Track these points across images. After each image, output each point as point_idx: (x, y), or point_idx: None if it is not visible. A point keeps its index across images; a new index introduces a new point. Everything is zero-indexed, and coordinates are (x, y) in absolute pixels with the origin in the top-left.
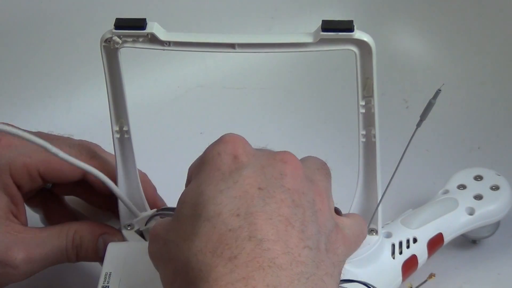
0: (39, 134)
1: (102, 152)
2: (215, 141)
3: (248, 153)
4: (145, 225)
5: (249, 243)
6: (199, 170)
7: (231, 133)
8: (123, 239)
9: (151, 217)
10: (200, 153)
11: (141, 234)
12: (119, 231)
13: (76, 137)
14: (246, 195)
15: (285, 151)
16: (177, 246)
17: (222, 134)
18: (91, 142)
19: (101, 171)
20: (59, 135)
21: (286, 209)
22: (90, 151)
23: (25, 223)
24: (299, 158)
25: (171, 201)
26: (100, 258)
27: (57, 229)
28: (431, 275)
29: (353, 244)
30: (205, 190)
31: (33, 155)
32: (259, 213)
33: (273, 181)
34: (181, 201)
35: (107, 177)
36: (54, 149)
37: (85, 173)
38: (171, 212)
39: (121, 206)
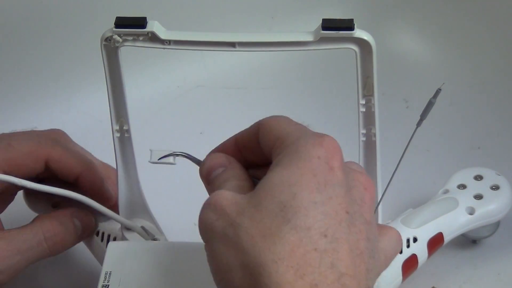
0: (1, 136)
1: (68, 144)
2: (315, 140)
3: (341, 167)
4: (158, 159)
5: (331, 273)
6: (289, 159)
7: (332, 138)
8: (90, 212)
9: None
10: (200, 153)
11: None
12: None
13: (76, 137)
14: (336, 216)
15: (366, 175)
16: (252, 239)
17: (320, 134)
18: (56, 133)
19: (64, 159)
20: (23, 130)
21: (362, 242)
22: (49, 140)
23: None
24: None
25: (171, 200)
26: (81, 238)
27: (27, 228)
28: None
29: (384, 268)
30: (299, 194)
31: None
32: (343, 242)
33: (357, 208)
34: (266, 189)
35: (76, 194)
36: (23, 182)
37: (47, 160)
38: (186, 155)
39: (121, 205)
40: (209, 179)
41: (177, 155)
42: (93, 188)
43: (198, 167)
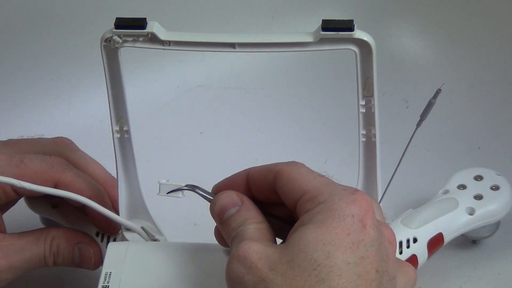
0: (9, 142)
1: (75, 152)
2: (348, 198)
3: (374, 224)
4: (167, 193)
5: None
6: (323, 217)
7: (364, 194)
8: (99, 248)
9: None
10: (200, 153)
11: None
12: (94, 240)
13: (76, 137)
14: (368, 276)
15: (389, 228)
16: None
17: (351, 190)
18: (63, 141)
19: (74, 184)
20: (29, 138)
21: None
22: (61, 164)
23: (3, 231)
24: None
25: (171, 200)
26: (76, 265)
27: (35, 235)
28: None
29: None
30: (333, 253)
31: (6, 170)
32: None
33: (384, 265)
34: (299, 245)
35: (75, 194)
36: (22, 184)
37: (56, 183)
38: (203, 193)
39: (121, 206)
40: (222, 218)
41: (186, 189)
42: (100, 217)
43: (198, 167)
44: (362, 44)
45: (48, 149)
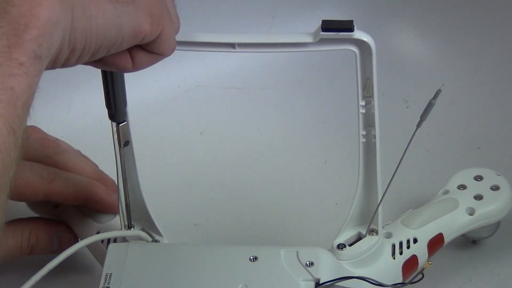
0: None
1: (62, 155)
2: None
3: None
4: None
5: None
6: None
7: None
8: (73, 233)
9: None
10: (200, 153)
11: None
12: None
13: (76, 137)
14: None
15: None
16: None
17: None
18: (50, 145)
19: (64, 192)
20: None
21: None
22: (50, 173)
23: None
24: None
25: (171, 200)
26: (54, 251)
27: (11, 228)
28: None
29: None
30: None
31: None
32: None
33: None
34: None
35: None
36: None
37: (46, 194)
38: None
39: (121, 207)
40: None
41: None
42: (101, 207)
43: (198, 167)
44: (362, 45)
45: (36, 153)
